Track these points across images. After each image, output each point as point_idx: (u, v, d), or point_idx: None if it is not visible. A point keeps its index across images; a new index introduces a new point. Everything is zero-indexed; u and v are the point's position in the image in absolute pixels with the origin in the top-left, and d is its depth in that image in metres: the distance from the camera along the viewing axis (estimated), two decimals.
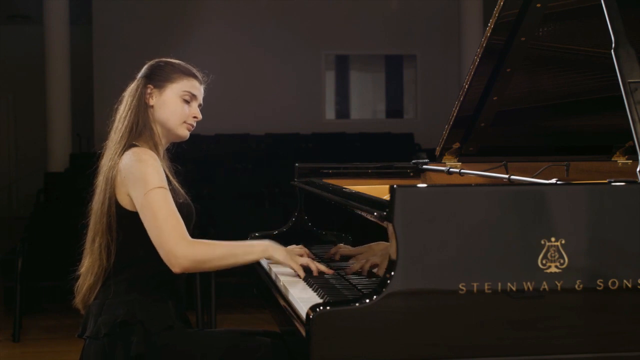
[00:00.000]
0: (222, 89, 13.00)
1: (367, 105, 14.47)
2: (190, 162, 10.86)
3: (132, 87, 2.62)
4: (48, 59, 11.21)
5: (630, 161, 3.09)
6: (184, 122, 2.63)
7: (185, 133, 2.65)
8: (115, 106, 2.65)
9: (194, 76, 2.66)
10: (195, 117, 2.65)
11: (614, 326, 2.10)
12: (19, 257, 5.89)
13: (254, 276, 3.03)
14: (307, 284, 2.53)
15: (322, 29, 13.41)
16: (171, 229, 2.38)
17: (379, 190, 2.88)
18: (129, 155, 2.48)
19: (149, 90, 2.59)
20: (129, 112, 2.57)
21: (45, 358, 5.43)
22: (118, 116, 2.60)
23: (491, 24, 2.92)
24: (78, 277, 2.57)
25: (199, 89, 2.66)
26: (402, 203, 2.04)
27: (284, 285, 2.55)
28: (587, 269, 2.08)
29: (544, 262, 2.07)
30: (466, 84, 3.10)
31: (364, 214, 2.32)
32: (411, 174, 3.50)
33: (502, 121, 3.26)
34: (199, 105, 2.68)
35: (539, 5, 2.87)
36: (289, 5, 13.28)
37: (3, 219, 12.79)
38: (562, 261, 2.07)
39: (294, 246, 2.89)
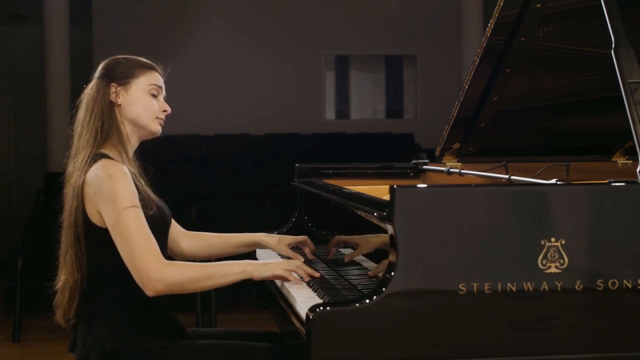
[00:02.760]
0: (222, 89, 13.05)
1: (367, 105, 14.46)
2: (190, 162, 10.87)
3: (91, 89, 2.51)
4: (48, 59, 11.20)
5: (630, 161, 3.09)
6: (156, 117, 2.53)
7: (158, 128, 2.55)
8: (73, 111, 2.53)
9: (155, 68, 2.58)
10: (164, 110, 2.56)
11: (614, 326, 2.10)
12: (19, 257, 5.89)
13: None
14: (307, 284, 2.53)
15: (322, 29, 13.40)
16: (143, 251, 2.28)
17: (379, 190, 2.88)
18: (97, 169, 2.36)
19: (113, 89, 2.48)
20: (93, 116, 2.46)
21: (45, 358, 5.43)
22: (79, 122, 2.49)
23: (491, 24, 2.92)
24: (56, 293, 2.49)
25: (162, 81, 2.59)
26: (402, 203, 2.05)
27: (283, 285, 2.55)
28: (587, 269, 2.09)
29: (544, 262, 2.07)
30: (466, 84, 3.10)
31: (364, 214, 2.32)
32: (411, 174, 3.50)
33: (502, 121, 3.26)
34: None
35: (539, 5, 2.87)
36: (289, 5, 13.27)
37: (3, 219, 12.78)
38: (562, 261, 2.07)
39: (301, 237, 2.87)
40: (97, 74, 2.54)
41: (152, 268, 2.27)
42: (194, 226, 6.73)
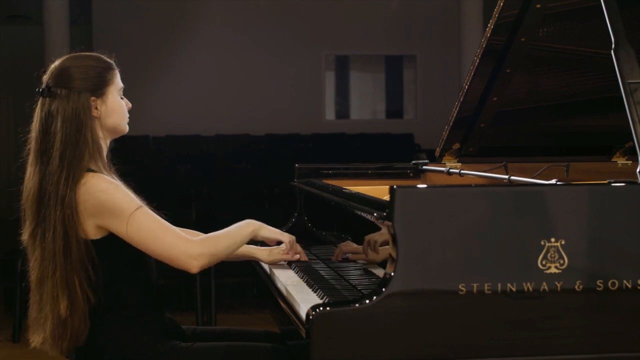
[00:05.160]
0: (222, 89, 13.04)
1: (367, 105, 14.46)
2: (190, 162, 10.87)
3: (64, 103, 2.35)
4: (48, 59, 11.17)
5: (630, 162, 3.09)
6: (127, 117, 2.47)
7: (127, 128, 2.48)
8: (35, 126, 2.38)
9: (115, 66, 2.47)
10: (129, 107, 2.48)
11: (614, 327, 2.10)
12: (19, 257, 5.88)
13: (254, 276, 3.03)
14: (307, 284, 2.53)
15: (322, 29, 13.40)
16: (174, 238, 2.31)
17: (379, 190, 2.88)
18: (84, 185, 2.29)
19: (93, 103, 2.37)
20: (82, 131, 2.33)
21: (45, 358, 5.43)
22: (55, 138, 2.33)
23: (491, 24, 2.92)
24: (42, 323, 2.35)
25: None
26: (402, 204, 2.05)
27: (283, 285, 2.55)
28: (587, 269, 2.09)
29: (543, 262, 2.07)
30: (466, 84, 3.10)
31: (363, 214, 2.32)
32: (411, 174, 3.50)
33: (502, 121, 3.26)
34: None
35: (538, 5, 2.87)
36: (289, 5, 13.27)
37: (3, 219, 12.79)
38: (562, 262, 2.07)
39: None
40: (57, 83, 2.37)
41: (190, 249, 2.31)
42: (194, 226, 6.72)
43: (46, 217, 2.34)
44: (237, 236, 2.49)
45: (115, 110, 2.42)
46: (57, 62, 2.45)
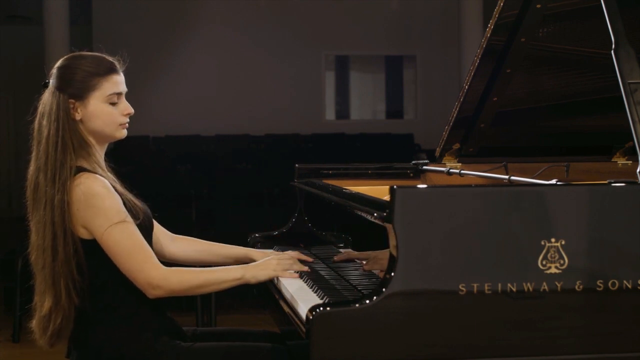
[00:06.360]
0: (222, 89, 13.05)
1: (367, 105, 14.47)
2: (190, 162, 10.88)
3: (51, 102, 2.37)
4: (48, 59, 11.19)
5: (630, 162, 3.09)
6: (119, 124, 2.42)
7: (122, 134, 2.44)
8: (36, 119, 2.41)
9: (114, 70, 2.43)
10: (127, 113, 2.44)
11: (614, 327, 2.10)
12: (19, 257, 5.89)
13: None
14: (307, 284, 2.53)
15: (322, 29, 13.40)
16: (141, 265, 2.29)
17: (379, 191, 2.88)
18: (78, 186, 2.30)
19: (71, 106, 2.36)
20: (59, 133, 2.34)
21: (45, 359, 5.43)
22: (43, 135, 2.36)
23: (491, 24, 2.92)
24: (35, 315, 2.38)
25: (122, 82, 2.44)
26: (402, 204, 2.05)
27: (283, 285, 2.55)
28: (587, 269, 2.09)
29: (544, 262, 2.07)
30: (466, 84, 3.10)
31: (364, 214, 2.32)
32: (411, 174, 3.50)
33: (502, 122, 3.26)
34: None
35: (538, 6, 2.87)
36: (289, 5, 13.28)
37: (3, 219, 12.78)
38: (562, 262, 2.07)
39: (294, 252, 2.84)
40: (52, 80, 2.40)
41: (153, 278, 2.30)
42: (194, 226, 6.72)
43: (39, 211, 2.35)
44: (215, 280, 2.40)
45: (97, 116, 2.39)
46: (63, 58, 2.48)
